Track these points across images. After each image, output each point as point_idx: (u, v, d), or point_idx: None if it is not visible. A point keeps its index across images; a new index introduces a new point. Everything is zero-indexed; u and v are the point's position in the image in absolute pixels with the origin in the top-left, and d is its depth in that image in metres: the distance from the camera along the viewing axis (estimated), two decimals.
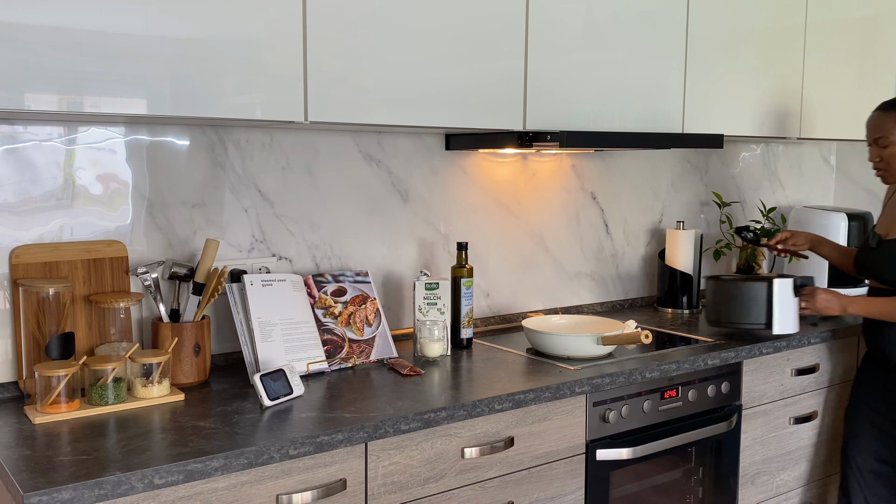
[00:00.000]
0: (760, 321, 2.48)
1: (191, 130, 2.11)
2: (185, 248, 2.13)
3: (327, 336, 2.16)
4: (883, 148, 2.41)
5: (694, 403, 2.35)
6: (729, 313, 2.52)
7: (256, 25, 1.80)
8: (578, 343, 2.24)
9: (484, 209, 2.67)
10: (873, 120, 2.44)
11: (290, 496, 1.63)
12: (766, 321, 2.47)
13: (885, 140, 2.40)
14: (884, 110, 2.41)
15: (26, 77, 1.56)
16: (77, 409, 1.76)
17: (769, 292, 2.46)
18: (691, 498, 2.44)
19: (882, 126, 2.40)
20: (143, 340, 2.08)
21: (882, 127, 2.40)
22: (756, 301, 2.48)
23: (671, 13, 2.56)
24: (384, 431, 1.74)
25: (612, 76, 2.44)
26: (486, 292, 2.70)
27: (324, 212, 2.34)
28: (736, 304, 2.51)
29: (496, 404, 1.91)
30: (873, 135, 2.43)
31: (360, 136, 2.38)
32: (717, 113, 2.73)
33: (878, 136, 2.41)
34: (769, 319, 2.46)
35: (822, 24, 2.99)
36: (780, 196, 3.56)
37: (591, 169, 2.91)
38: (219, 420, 1.73)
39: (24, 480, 1.40)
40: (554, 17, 2.28)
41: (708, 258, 3.25)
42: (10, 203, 1.89)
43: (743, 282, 2.53)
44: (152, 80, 1.69)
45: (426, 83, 2.07)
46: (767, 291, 2.46)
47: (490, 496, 1.95)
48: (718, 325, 2.57)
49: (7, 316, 1.91)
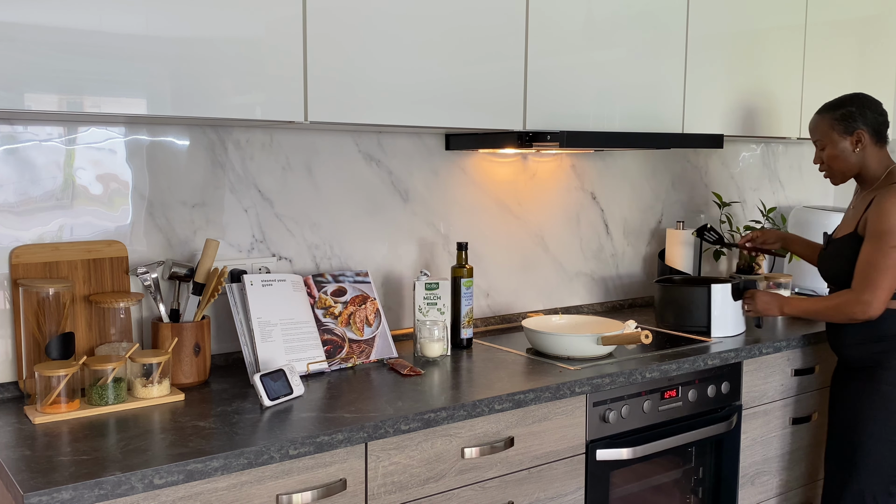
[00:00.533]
0: (701, 324, 2.56)
1: (191, 130, 2.11)
2: (185, 248, 2.13)
3: (327, 336, 2.16)
4: (821, 150, 2.44)
5: (694, 403, 2.35)
6: (673, 316, 2.64)
7: (256, 25, 1.80)
8: (578, 343, 2.24)
9: (484, 209, 2.67)
10: (812, 123, 2.48)
11: (290, 496, 1.63)
12: (706, 324, 2.55)
13: (821, 143, 2.43)
14: (819, 113, 2.45)
15: (26, 77, 1.56)
16: (77, 409, 1.76)
17: (708, 296, 2.54)
18: (691, 498, 2.44)
19: (817, 129, 2.44)
20: (143, 340, 2.08)
21: (818, 130, 2.44)
22: (696, 305, 2.57)
23: (671, 13, 2.56)
24: (384, 431, 1.74)
25: (612, 76, 2.44)
26: (486, 292, 2.70)
27: (324, 212, 2.34)
28: (679, 307, 2.62)
29: (496, 404, 1.91)
30: (812, 137, 2.47)
31: (360, 136, 2.38)
32: (717, 113, 2.73)
33: (815, 139, 2.45)
34: (709, 323, 2.54)
35: (822, 24, 2.99)
36: (780, 196, 3.56)
37: (591, 169, 2.91)
38: (219, 420, 1.73)
39: (24, 480, 1.40)
40: (554, 17, 2.28)
41: (708, 258, 3.25)
42: (10, 203, 1.89)
43: (685, 286, 2.65)
44: (152, 80, 1.69)
45: (426, 83, 2.07)
46: (707, 296, 2.54)
47: (490, 496, 1.95)
48: (665, 328, 2.64)
49: (7, 316, 1.91)
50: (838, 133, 2.38)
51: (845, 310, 2.31)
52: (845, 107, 2.38)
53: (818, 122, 2.44)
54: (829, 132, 2.39)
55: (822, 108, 2.45)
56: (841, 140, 2.38)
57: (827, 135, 2.40)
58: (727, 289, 2.54)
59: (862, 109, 2.37)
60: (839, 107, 2.39)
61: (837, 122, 2.38)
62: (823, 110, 2.43)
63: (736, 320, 2.57)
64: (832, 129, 2.39)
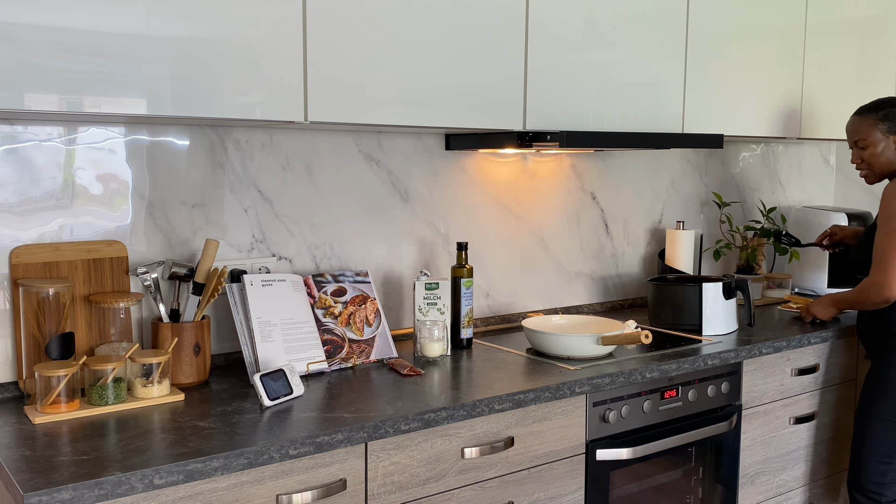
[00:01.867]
0: (693, 323, 2.57)
1: (191, 130, 2.11)
2: (185, 248, 2.13)
3: (327, 336, 2.16)
4: (863, 150, 2.54)
5: (694, 403, 2.35)
6: (666, 315, 2.65)
7: (256, 25, 1.80)
8: (578, 343, 2.24)
9: (484, 209, 2.67)
10: (851, 124, 2.58)
11: (290, 496, 1.63)
12: (698, 322, 2.56)
13: (864, 142, 2.53)
14: (860, 114, 2.55)
15: (26, 77, 1.56)
16: (77, 409, 1.76)
17: (700, 295, 2.55)
18: (691, 498, 2.44)
19: (859, 129, 2.54)
20: (143, 340, 2.08)
21: (860, 130, 2.54)
22: (688, 303, 2.58)
23: (671, 13, 2.56)
24: (384, 431, 1.74)
25: (612, 76, 2.44)
26: (486, 292, 2.70)
27: (324, 212, 2.34)
28: (671, 306, 2.63)
29: (496, 404, 1.91)
30: (852, 138, 2.56)
31: (360, 136, 2.38)
32: (717, 113, 2.73)
33: (857, 139, 2.55)
34: (700, 321, 2.56)
35: (822, 24, 2.99)
36: (780, 196, 3.56)
37: (591, 169, 2.91)
38: (219, 420, 1.73)
39: (24, 480, 1.40)
40: (554, 17, 2.28)
41: (708, 258, 3.25)
42: (10, 203, 1.89)
43: (677, 285, 2.66)
44: (152, 80, 1.69)
45: (426, 83, 2.07)
46: (699, 294, 2.55)
47: (490, 496, 1.95)
48: (659, 327, 2.65)
49: (7, 316, 1.91)
50: (882, 132, 2.49)
51: (866, 295, 2.45)
52: (886, 107, 2.49)
53: (859, 122, 2.54)
54: (873, 131, 2.50)
55: (862, 109, 2.55)
56: (884, 139, 2.49)
57: (870, 134, 2.50)
58: (718, 287, 2.56)
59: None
60: (881, 108, 2.50)
61: (881, 122, 2.49)
62: (864, 111, 2.54)
63: (727, 319, 2.59)
64: (875, 128, 2.49)
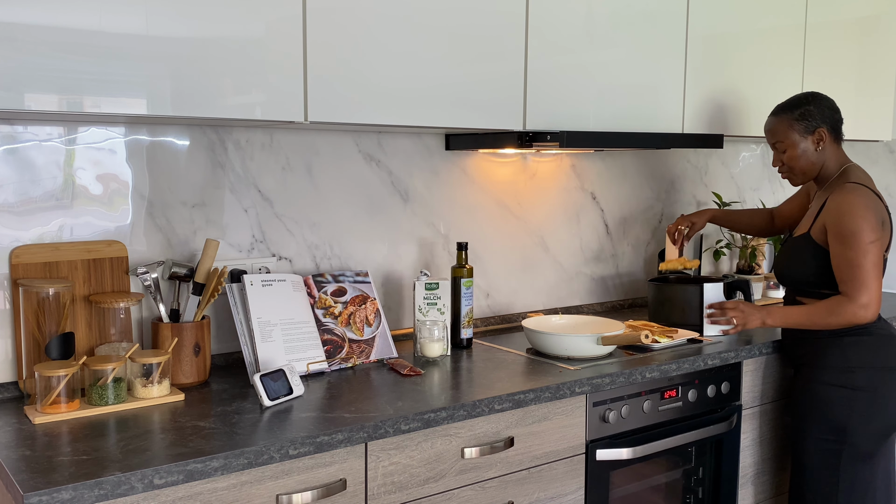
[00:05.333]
0: (693, 323, 2.56)
1: (191, 130, 2.11)
2: (185, 248, 2.13)
3: (327, 336, 2.16)
4: (782, 152, 2.39)
5: (694, 403, 2.35)
6: (667, 315, 2.63)
7: (256, 25, 1.80)
8: (578, 343, 2.24)
9: (484, 209, 2.67)
10: (768, 125, 2.43)
11: (290, 496, 1.63)
12: (698, 323, 2.54)
13: (782, 144, 2.38)
14: (775, 115, 2.40)
15: (26, 77, 1.56)
16: (77, 409, 1.76)
17: (701, 295, 2.53)
18: (691, 498, 2.44)
19: (776, 131, 2.39)
20: (143, 340, 2.08)
21: (776, 132, 2.39)
22: (689, 304, 2.57)
23: (671, 13, 2.56)
24: (384, 431, 1.74)
25: (612, 76, 2.44)
26: (486, 292, 2.70)
27: (324, 212, 2.34)
28: (672, 306, 2.62)
29: (496, 404, 1.91)
30: (770, 140, 2.42)
31: (360, 136, 2.38)
32: (718, 113, 2.73)
33: (774, 142, 2.40)
34: (701, 321, 2.53)
35: (822, 24, 2.99)
36: (780, 196, 3.56)
37: (591, 169, 2.91)
38: (219, 420, 1.73)
39: (24, 480, 1.40)
40: (554, 17, 2.28)
41: (708, 258, 3.25)
42: (10, 203, 1.89)
43: (678, 285, 2.64)
44: (152, 80, 1.69)
45: (426, 83, 2.07)
46: (699, 295, 2.53)
47: (490, 496, 1.95)
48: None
49: (7, 316, 1.91)
50: (799, 133, 2.34)
51: (845, 316, 2.22)
52: (802, 106, 2.34)
53: (776, 123, 2.39)
54: (789, 132, 2.35)
55: (778, 108, 2.40)
56: (802, 140, 2.35)
57: (787, 135, 2.35)
58: (719, 287, 2.54)
59: (820, 107, 2.34)
60: (796, 106, 2.35)
61: (797, 122, 2.34)
62: (779, 111, 2.39)
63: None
64: (792, 129, 2.35)
